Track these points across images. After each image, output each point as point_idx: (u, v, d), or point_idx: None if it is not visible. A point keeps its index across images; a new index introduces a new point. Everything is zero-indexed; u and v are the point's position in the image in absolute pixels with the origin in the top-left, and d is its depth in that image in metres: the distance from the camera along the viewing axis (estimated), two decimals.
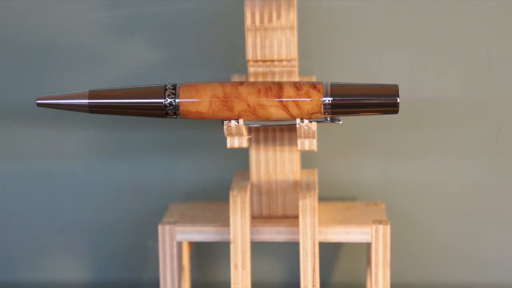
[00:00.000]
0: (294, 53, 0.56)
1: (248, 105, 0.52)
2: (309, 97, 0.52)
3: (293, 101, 0.52)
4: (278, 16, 0.56)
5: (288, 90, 0.52)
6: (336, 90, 0.52)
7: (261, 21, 0.56)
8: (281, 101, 0.52)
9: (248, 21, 0.56)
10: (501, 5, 0.63)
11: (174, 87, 0.52)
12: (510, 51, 0.64)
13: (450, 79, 0.65)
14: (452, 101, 0.65)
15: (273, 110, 0.52)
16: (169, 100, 0.52)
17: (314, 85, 0.52)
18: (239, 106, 0.52)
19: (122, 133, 0.67)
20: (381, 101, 0.52)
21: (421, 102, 0.65)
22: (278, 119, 0.53)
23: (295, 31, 0.56)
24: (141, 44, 0.65)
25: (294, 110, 0.52)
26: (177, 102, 0.52)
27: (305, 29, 0.63)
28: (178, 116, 0.52)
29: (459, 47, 0.64)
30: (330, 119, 0.53)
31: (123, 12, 0.64)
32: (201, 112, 0.52)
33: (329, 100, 0.52)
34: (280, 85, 0.52)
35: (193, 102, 0.52)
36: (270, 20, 0.56)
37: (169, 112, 0.52)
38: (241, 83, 0.52)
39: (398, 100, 0.52)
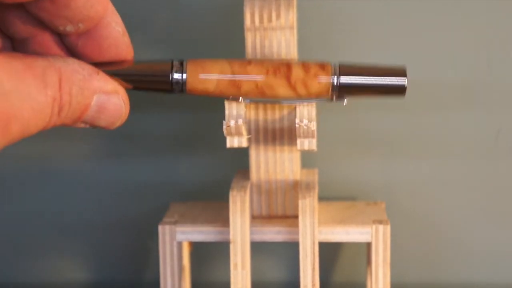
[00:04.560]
0: (293, 53, 0.56)
1: (256, 86, 0.51)
2: (318, 78, 0.51)
3: (302, 82, 0.51)
4: (278, 16, 0.56)
5: (297, 71, 0.51)
6: (344, 70, 0.52)
7: (261, 21, 0.56)
8: (290, 81, 0.51)
9: (247, 21, 0.56)
10: (501, 5, 0.63)
11: (181, 63, 0.51)
12: (510, 51, 0.64)
13: (450, 78, 0.65)
14: (452, 101, 0.65)
15: (281, 90, 0.51)
16: (175, 75, 0.50)
17: (322, 66, 0.51)
18: (246, 86, 0.51)
19: (122, 133, 0.67)
20: (389, 82, 0.52)
21: (421, 102, 0.65)
22: (285, 99, 0.52)
23: (295, 31, 0.56)
24: (140, 44, 0.65)
25: (302, 90, 0.51)
26: (184, 78, 0.50)
27: (305, 29, 0.63)
28: (185, 92, 0.51)
29: (459, 48, 0.64)
30: (335, 99, 0.52)
31: (122, 12, 0.64)
32: (207, 90, 0.51)
33: (337, 81, 0.51)
34: (288, 65, 0.51)
35: (200, 79, 0.50)
36: (270, 20, 0.56)
37: (175, 88, 0.50)
38: (249, 62, 0.51)
39: (406, 81, 0.51)
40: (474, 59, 0.64)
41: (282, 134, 0.58)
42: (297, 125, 0.53)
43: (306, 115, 0.53)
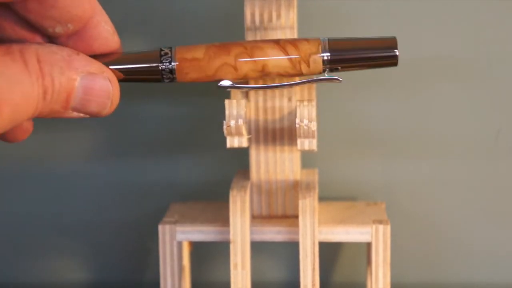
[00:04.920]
0: None
1: (245, 48, 0.50)
2: (306, 41, 0.50)
3: (290, 43, 0.50)
4: (278, 16, 0.56)
5: (285, 39, 0.50)
6: (334, 45, 0.51)
7: (261, 21, 0.56)
8: (279, 44, 0.50)
9: (248, 21, 0.56)
10: (501, 5, 0.63)
11: (170, 49, 0.50)
12: (510, 51, 0.64)
13: (449, 78, 0.65)
14: (452, 101, 0.65)
15: (270, 52, 0.50)
16: (164, 50, 0.49)
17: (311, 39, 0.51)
18: (236, 49, 0.50)
19: (122, 133, 0.67)
20: (380, 53, 0.51)
21: (421, 102, 0.65)
22: (278, 68, 0.50)
23: (295, 31, 0.56)
24: (140, 44, 0.65)
25: (292, 50, 0.50)
26: (173, 64, 0.49)
27: (305, 29, 0.63)
28: (175, 80, 0.49)
29: (458, 48, 0.64)
30: (327, 76, 0.51)
31: (121, 12, 0.64)
32: (197, 59, 0.49)
33: (327, 56, 0.50)
34: (276, 39, 0.51)
35: (189, 49, 0.49)
36: (270, 19, 0.56)
37: (165, 74, 0.49)
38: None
39: (397, 52, 0.51)
40: (474, 60, 0.64)
41: (282, 134, 0.58)
42: (297, 125, 0.53)
43: (306, 115, 0.53)
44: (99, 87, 0.44)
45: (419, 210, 0.67)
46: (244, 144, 0.55)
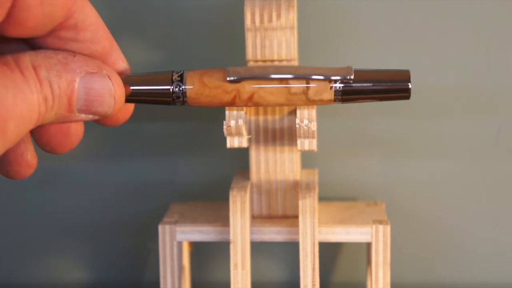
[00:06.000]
0: (294, 53, 0.56)
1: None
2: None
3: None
4: (278, 16, 0.56)
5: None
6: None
7: (261, 21, 0.56)
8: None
9: (248, 21, 0.56)
10: (501, 5, 0.63)
11: (181, 74, 0.49)
12: (510, 51, 0.64)
13: (450, 79, 0.65)
14: (452, 101, 0.65)
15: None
16: (176, 87, 0.49)
17: None
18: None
19: (122, 133, 0.67)
20: (393, 86, 0.50)
21: (421, 102, 0.65)
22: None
23: (295, 31, 0.56)
24: (140, 44, 0.65)
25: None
26: (184, 88, 0.49)
27: (305, 29, 0.63)
28: (186, 104, 0.49)
29: (459, 48, 0.64)
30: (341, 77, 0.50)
31: (121, 12, 0.64)
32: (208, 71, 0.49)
33: (340, 87, 0.50)
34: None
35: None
36: (270, 20, 0.56)
37: (176, 100, 0.49)
38: None
39: (410, 86, 0.50)
40: (474, 60, 0.64)
41: (282, 134, 0.58)
42: (297, 126, 0.53)
43: (306, 115, 0.53)
44: (99, 86, 0.44)
45: (419, 210, 0.67)
46: (244, 144, 0.55)
